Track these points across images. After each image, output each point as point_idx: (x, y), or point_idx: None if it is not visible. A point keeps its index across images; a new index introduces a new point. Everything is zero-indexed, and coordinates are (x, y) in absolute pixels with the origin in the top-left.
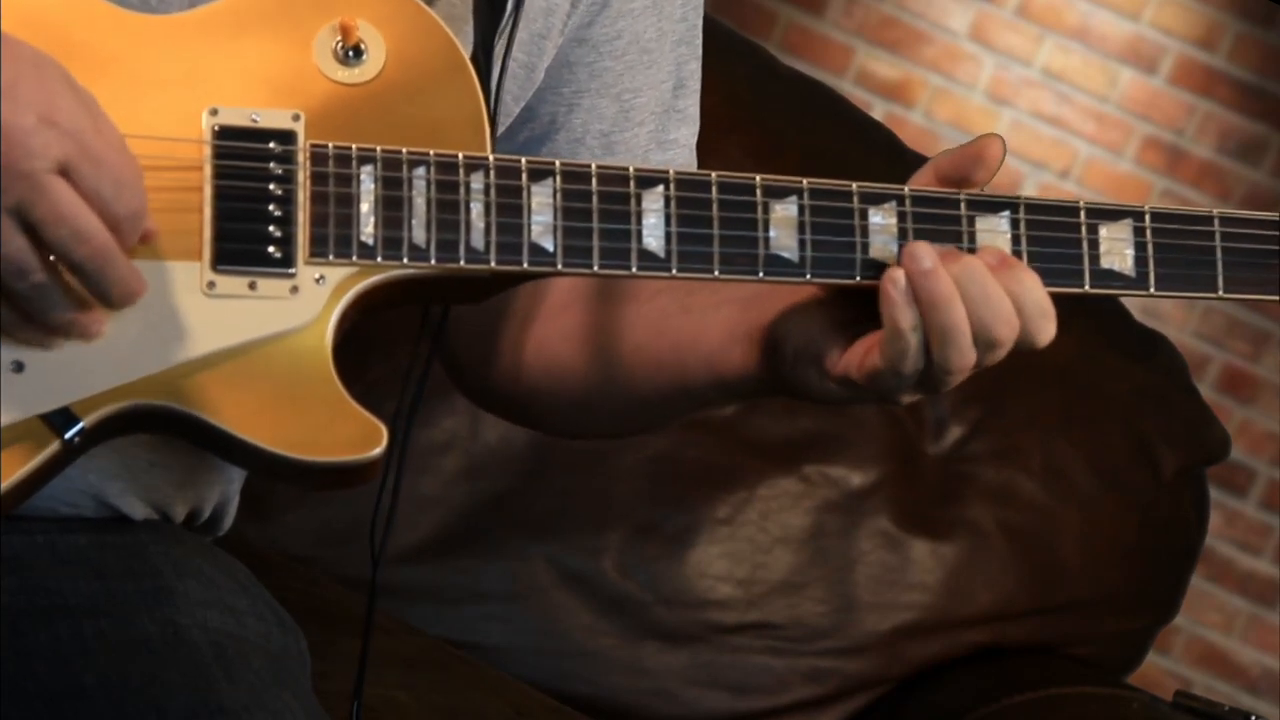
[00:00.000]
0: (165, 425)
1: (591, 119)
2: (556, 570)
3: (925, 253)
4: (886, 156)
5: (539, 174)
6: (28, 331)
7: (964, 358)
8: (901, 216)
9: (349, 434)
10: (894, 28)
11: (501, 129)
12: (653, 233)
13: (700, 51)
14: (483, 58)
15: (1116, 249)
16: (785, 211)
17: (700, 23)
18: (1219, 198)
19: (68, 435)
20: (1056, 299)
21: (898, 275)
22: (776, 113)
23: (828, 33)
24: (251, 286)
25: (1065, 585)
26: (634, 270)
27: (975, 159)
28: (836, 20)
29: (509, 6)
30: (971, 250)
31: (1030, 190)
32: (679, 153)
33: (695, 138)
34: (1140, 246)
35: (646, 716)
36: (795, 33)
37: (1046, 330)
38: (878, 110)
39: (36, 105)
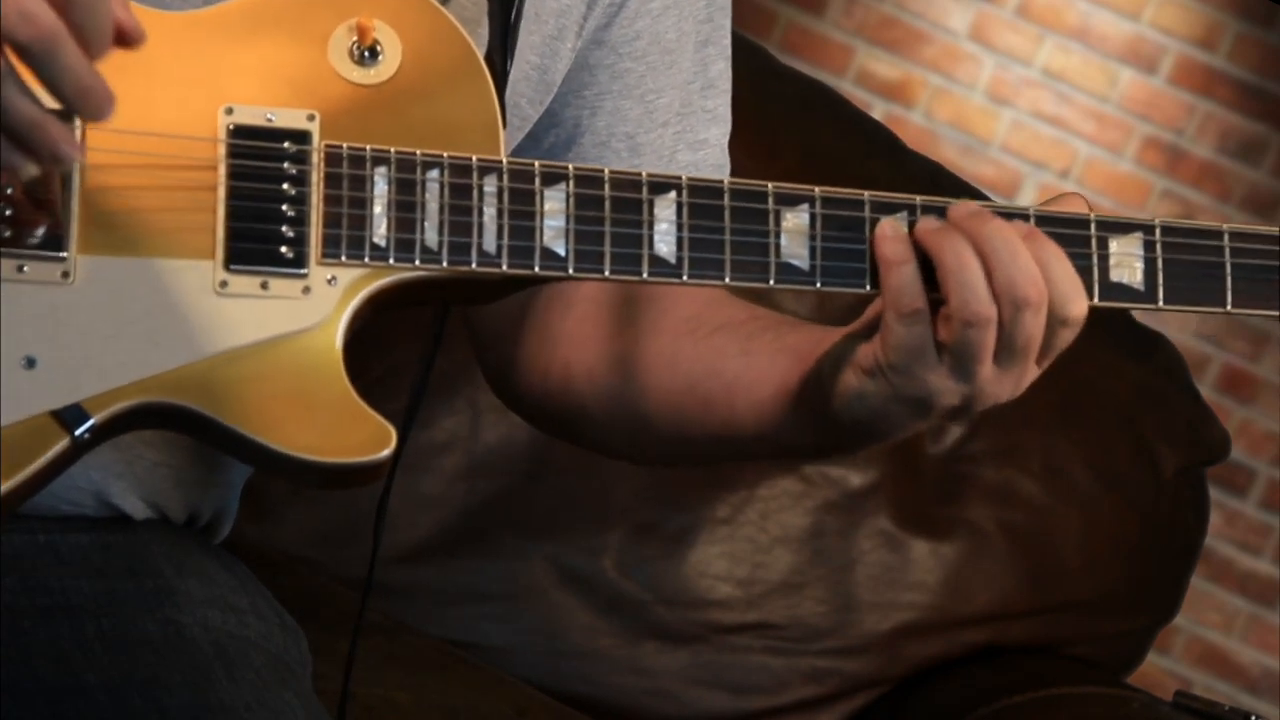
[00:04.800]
0: (174, 423)
1: (616, 121)
2: (556, 570)
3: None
4: (886, 156)
5: (552, 178)
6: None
7: (982, 304)
8: (913, 226)
9: (358, 435)
10: (894, 28)
11: (521, 134)
12: (664, 238)
13: (729, 52)
14: (498, 60)
15: (1126, 262)
16: (797, 220)
17: (728, 24)
18: (1219, 198)
19: (77, 432)
20: None
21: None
22: (776, 113)
23: (828, 33)
24: (264, 286)
25: (1065, 585)
26: (645, 276)
27: None
28: (836, 20)
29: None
30: None
31: (1030, 191)
32: (710, 153)
33: (727, 137)
34: (1150, 261)
35: (646, 716)
36: (795, 33)
37: (1077, 301)
38: (878, 110)
39: None
